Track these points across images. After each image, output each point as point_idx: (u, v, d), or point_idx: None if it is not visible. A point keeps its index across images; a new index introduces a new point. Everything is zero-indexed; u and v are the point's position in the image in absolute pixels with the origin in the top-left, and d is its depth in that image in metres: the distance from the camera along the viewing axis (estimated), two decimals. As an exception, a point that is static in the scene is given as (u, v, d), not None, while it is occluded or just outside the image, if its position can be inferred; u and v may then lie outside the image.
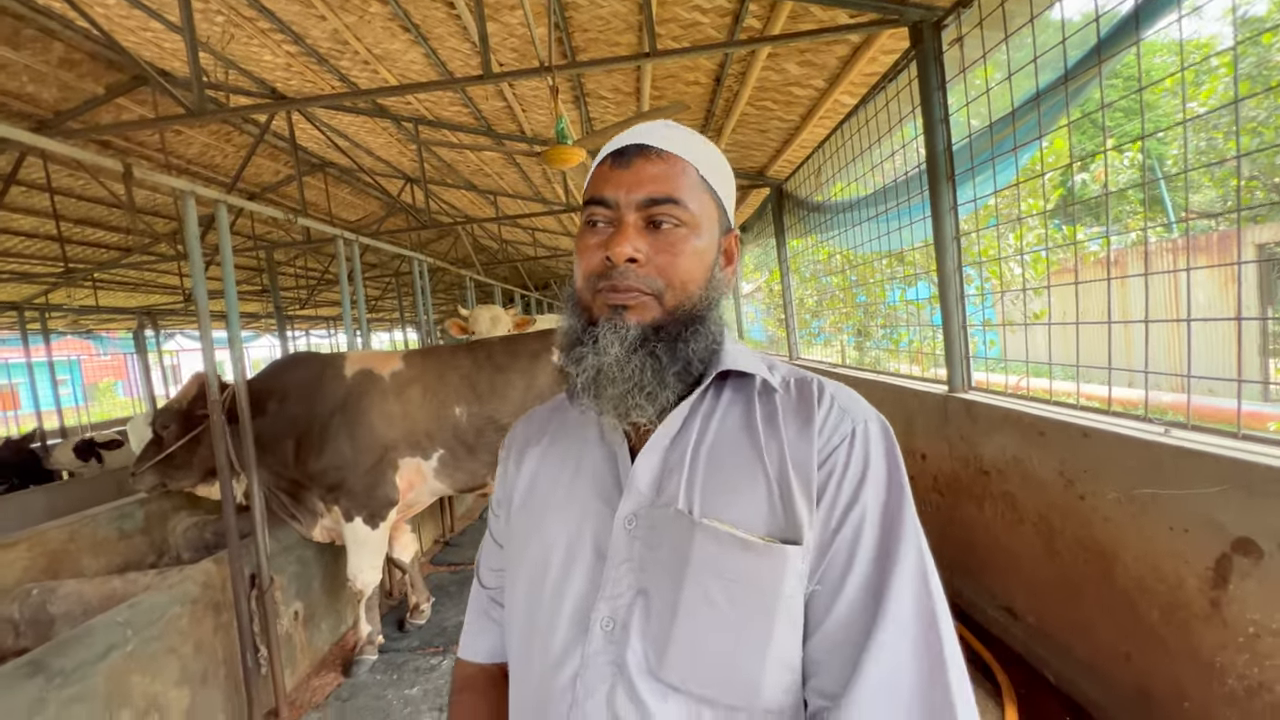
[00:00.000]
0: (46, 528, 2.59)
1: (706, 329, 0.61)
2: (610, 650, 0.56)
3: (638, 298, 0.59)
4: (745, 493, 0.57)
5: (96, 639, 1.78)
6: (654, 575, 0.57)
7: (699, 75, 3.88)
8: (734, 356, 0.63)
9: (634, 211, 0.60)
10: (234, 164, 6.23)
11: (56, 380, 8.06)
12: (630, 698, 0.54)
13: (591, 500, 0.62)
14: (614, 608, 0.57)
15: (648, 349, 0.58)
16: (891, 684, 0.50)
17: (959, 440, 2.63)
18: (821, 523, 0.56)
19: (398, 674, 2.64)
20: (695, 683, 0.54)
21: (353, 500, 2.62)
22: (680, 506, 0.57)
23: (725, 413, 0.62)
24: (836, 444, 0.58)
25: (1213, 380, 4.10)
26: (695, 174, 0.62)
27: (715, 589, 0.54)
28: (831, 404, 0.60)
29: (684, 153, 0.62)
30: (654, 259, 0.59)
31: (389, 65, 4.27)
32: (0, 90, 4.25)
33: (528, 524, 0.66)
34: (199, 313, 2.19)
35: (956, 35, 2.53)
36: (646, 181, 0.60)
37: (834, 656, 0.53)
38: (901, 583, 0.53)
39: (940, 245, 2.70)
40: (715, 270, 0.63)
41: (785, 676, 0.55)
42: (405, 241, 8.65)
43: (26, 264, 7.44)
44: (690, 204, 0.60)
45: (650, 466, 0.60)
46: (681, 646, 0.54)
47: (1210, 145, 6.79)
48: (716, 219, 0.64)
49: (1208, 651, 1.54)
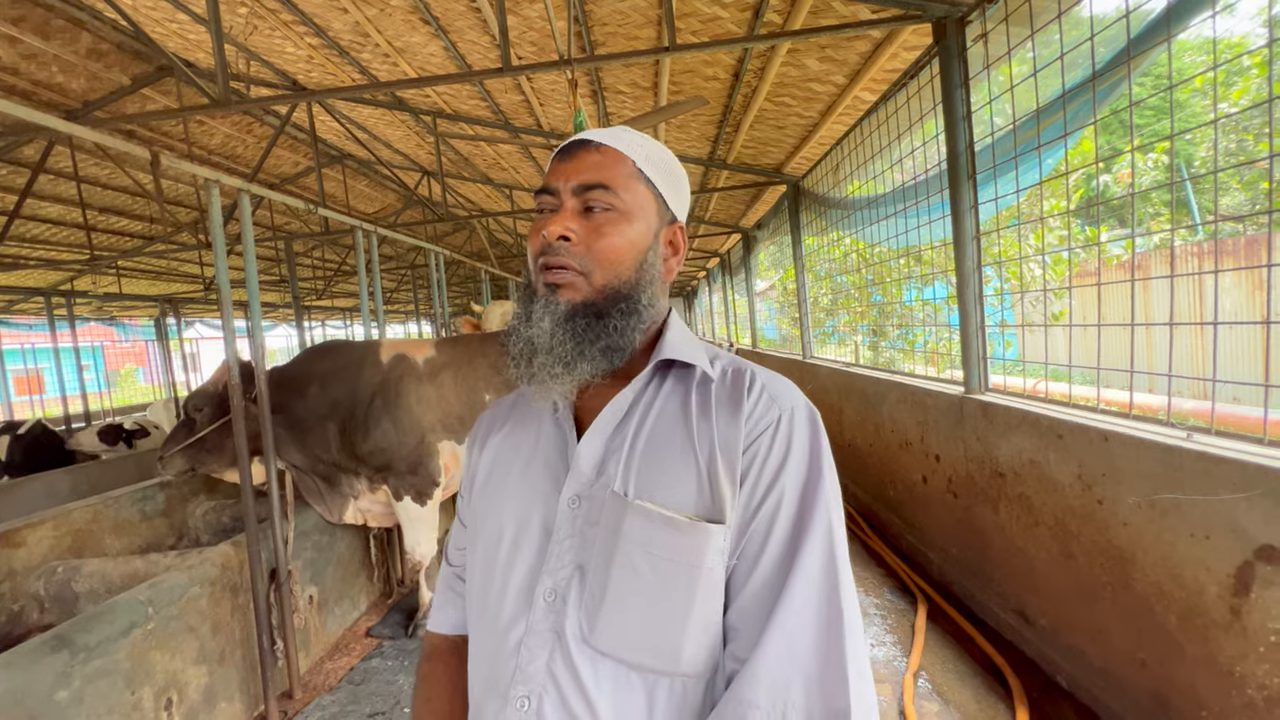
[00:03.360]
0: (72, 507, 2.65)
1: (636, 309, 0.65)
2: (550, 619, 0.61)
3: (569, 276, 0.64)
4: (676, 476, 0.61)
5: (119, 616, 1.82)
6: (591, 551, 0.61)
7: (718, 70, 3.86)
8: (676, 346, 0.67)
9: (571, 196, 0.65)
10: (254, 155, 6.31)
11: (81, 365, 8.23)
12: (566, 663, 0.59)
13: (541, 482, 0.67)
14: (555, 580, 0.62)
15: (573, 324, 0.64)
16: (790, 648, 0.55)
17: (975, 442, 2.60)
18: (743, 503, 0.60)
19: (409, 660, 2.67)
20: (623, 649, 0.58)
21: (400, 480, 2.76)
22: (616, 488, 0.62)
23: (665, 400, 0.66)
24: (762, 430, 0.62)
25: (1236, 387, 4.01)
26: (631, 165, 0.67)
27: (642, 563, 0.59)
28: (761, 393, 0.64)
29: (623, 147, 0.67)
30: (585, 239, 0.64)
31: (409, 58, 4.30)
32: (31, 79, 4.34)
33: (486, 504, 0.71)
34: (221, 300, 2.23)
35: (981, 31, 2.50)
36: (583, 169, 0.65)
37: (746, 624, 0.58)
38: (808, 559, 0.57)
39: (959, 244, 2.66)
40: (649, 256, 0.67)
41: (706, 643, 0.59)
42: (421, 234, 8.71)
43: (53, 251, 7.60)
44: (621, 191, 0.65)
45: (593, 450, 0.65)
46: (611, 616, 0.59)
47: (1240, 147, 6.63)
48: (655, 209, 0.68)
49: (1227, 660, 1.52)
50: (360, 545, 3.21)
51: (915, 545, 3.29)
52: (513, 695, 0.60)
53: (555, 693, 0.59)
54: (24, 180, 5.24)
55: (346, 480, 2.79)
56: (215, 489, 3.29)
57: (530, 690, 0.59)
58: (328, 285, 9.62)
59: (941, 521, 2.99)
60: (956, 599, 2.78)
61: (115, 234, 7.55)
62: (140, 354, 18.67)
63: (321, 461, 2.73)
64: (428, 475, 2.78)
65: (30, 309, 10.29)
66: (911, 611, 2.74)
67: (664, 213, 0.70)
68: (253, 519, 2.25)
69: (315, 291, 10.77)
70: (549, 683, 0.59)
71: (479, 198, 9.03)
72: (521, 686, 0.60)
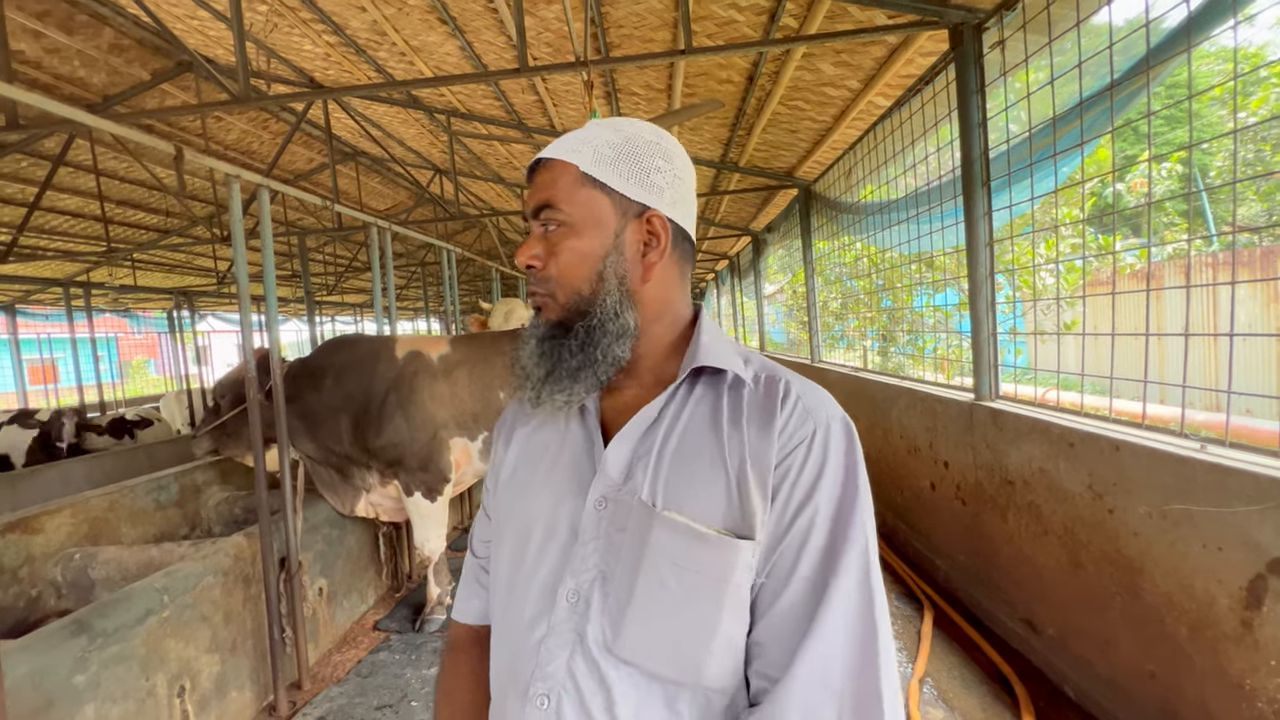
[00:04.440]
0: (89, 495, 2.69)
1: (600, 323, 0.64)
2: (573, 620, 0.61)
3: (541, 299, 0.66)
4: (705, 487, 0.60)
5: (135, 603, 1.85)
6: (616, 557, 0.61)
7: (732, 74, 3.87)
8: (708, 351, 0.65)
9: (533, 220, 0.67)
10: (270, 151, 6.37)
11: (96, 356, 8.33)
12: (588, 666, 0.59)
13: (568, 481, 0.66)
14: (579, 582, 0.62)
15: (551, 343, 0.65)
16: (825, 670, 0.54)
17: (984, 449, 2.60)
18: (775, 520, 0.59)
19: (416, 654, 2.70)
20: (646, 659, 0.58)
21: (411, 476, 2.78)
22: (644, 497, 0.61)
23: (696, 407, 0.65)
24: (795, 445, 0.60)
25: (1250, 399, 3.97)
26: (574, 172, 0.64)
27: (669, 575, 0.58)
28: (796, 404, 0.62)
29: (568, 155, 0.65)
30: (548, 262, 0.65)
31: (425, 57, 4.34)
32: (53, 74, 4.40)
33: (513, 499, 0.71)
34: (239, 293, 2.26)
35: (998, 39, 2.50)
36: (537, 191, 0.66)
37: (776, 643, 0.57)
38: (843, 580, 0.56)
39: (973, 251, 2.66)
40: (606, 263, 0.64)
41: (729, 658, 0.58)
42: (431, 232, 8.76)
43: (71, 242, 7.70)
44: (563, 205, 0.64)
45: (621, 454, 0.64)
46: (634, 626, 0.58)
47: (1258, 157, 6.57)
48: (610, 210, 0.65)
49: (1237, 673, 1.51)
50: (369, 540, 3.24)
51: (922, 551, 3.29)
52: (533, 693, 0.60)
53: (575, 694, 0.59)
54: (44, 173, 5.32)
55: (359, 473, 2.82)
56: (228, 480, 3.33)
57: (550, 689, 0.60)
58: (339, 281, 9.70)
59: (949, 528, 2.98)
60: (963, 606, 2.77)
61: (132, 227, 7.65)
62: (152, 346, 18.85)
63: (334, 453, 2.76)
64: (438, 472, 2.80)
65: (47, 299, 10.43)
66: (918, 618, 2.73)
67: (626, 207, 0.65)
68: (265, 510, 2.28)
69: (326, 287, 10.85)
70: (569, 683, 0.59)
71: (490, 196, 9.07)
72: (541, 684, 0.60)
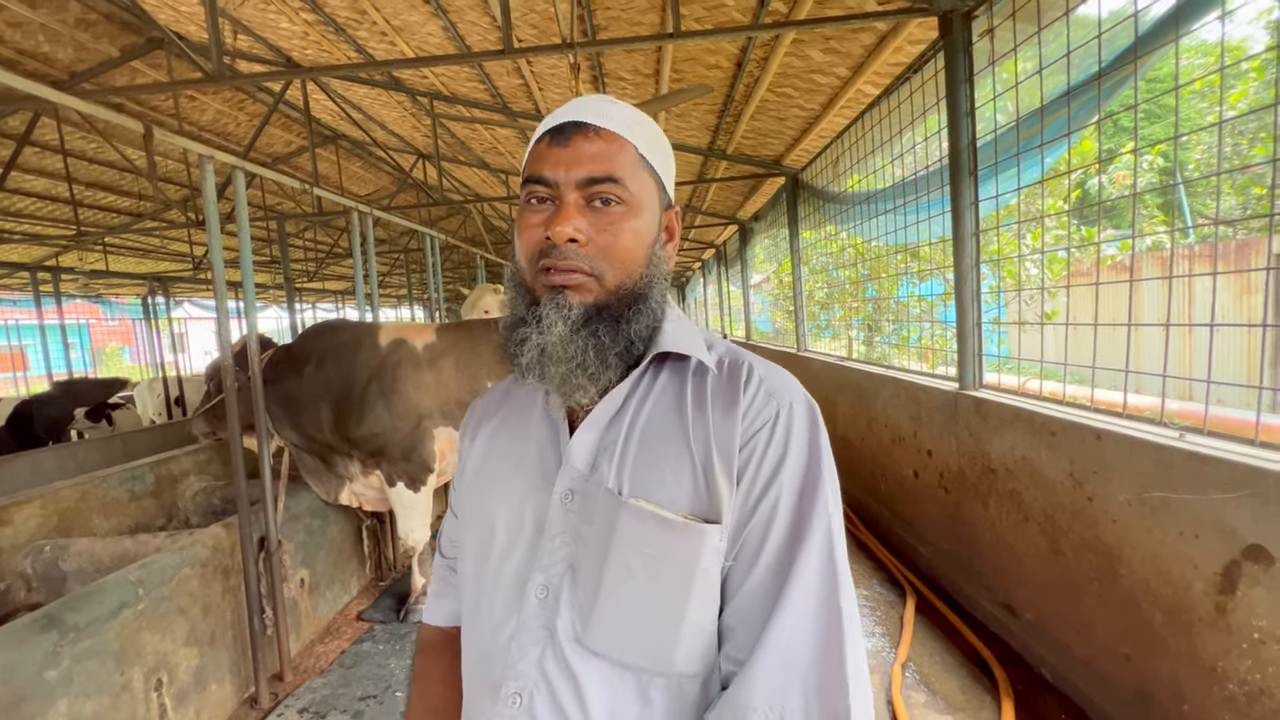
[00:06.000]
0: (59, 486, 2.62)
1: (648, 307, 0.63)
2: (543, 616, 0.60)
3: (578, 278, 0.59)
4: (670, 473, 0.59)
5: (109, 596, 1.80)
6: (584, 549, 0.60)
7: (720, 59, 3.82)
8: (672, 337, 0.64)
9: (574, 190, 0.60)
10: (246, 132, 6.19)
11: (67, 343, 8.10)
12: (558, 661, 0.58)
13: (534, 475, 0.65)
14: (548, 577, 0.61)
15: (590, 329, 0.59)
16: (788, 651, 0.54)
17: (967, 437, 2.63)
18: (740, 503, 0.58)
19: (400, 644, 2.68)
20: (617, 649, 0.58)
21: (393, 466, 2.74)
22: (610, 485, 0.60)
23: (660, 393, 0.64)
24: (759, 427, 0.59)
25: (1224, 389, 4.07)
26: (634, 152, 0.62)
27: (636, 563, 0.57)
28: (759, 386, 0.61)
29: (623, 130, 0.62)
30: (595, 239, 0.60)
31: (407, 37, 4.23)
32: (17, 49, 4.22)
33: (478, 496, 0.69)
34: (215, 279, 2.19)
35: (987, 27, 2.49)
36: (586, 160, 0.60)
37: (743, 626, 0.57)
38: (807, 562, 0.55)
39: (959, 241, 2.67)
40: (656, 249, 0.64)
41: (700, 643, 0.58)
42: (415, 217, 8.61)
43: (39, 225, 7.44)
44: (629, 183, 0.61)
45: (586, 445, 0.62)
46: (604, 615, 0.58)
47: (1235, 150, 6.68)
48: (656, 196, 0.64)
49: (1210, 656, 1.55)
50: (352, 529, 3.20)
51: (905, 538, 3.33)
52: (504, 692, 0.59)
53: (546, 690, 0.58)
54: (8, 153, 5.12)
55: (341, 462, 2.78)
56: (206, 470, 3.26)
57: (522, 687, 0.59)
58: (319, 267, 9.52)
59: (932, 516, 3.02)
60: (945, 592, 2.82)
61: (103, 210, 7.41)
62: (126, 333, 18.42)
63: (315, 441, 2.72)
64: (421, 462, 2.77)
65: (14, 284, 10.10)
66: (900, 604, 2.77)
67: (663, 197, 0.66)
68: (244, 499, 2.24)
69: (307, 273, 10.65)
70: (540, 680, 0.58)
71: (474, 182, 8.94)
72: (513, 683, 0.59)
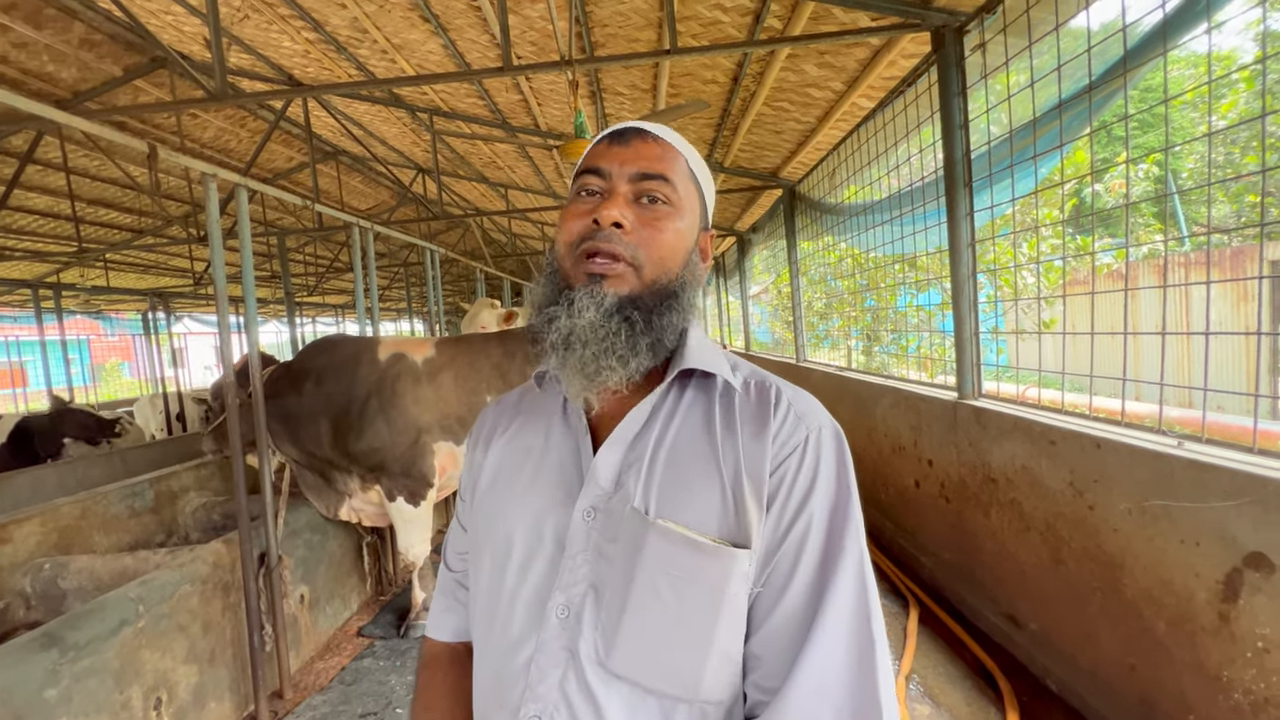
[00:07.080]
0: (59, 503, 2.62)
1: (679, 305, 0.64)
2: (564, 637, 0.58)
3: (618, 267, 0.61)
4: (699, 495, 0.59)
5: (109, 613, 1.80)
6: (608, 568, 0.59)
7: (717, 74, 3.87)
8: (697, 354, 0.65)
9: (626, 183, 0.63)
10: (248, 149, 6.25)
11: (67, 359, 8.11)
12: (580, 684, 0.57)
13: (554, 488, 0.64)
14: (569, 597, 0.59)
15: (623, 315, 0.60)
16: (823, 682, 0.53)
17: (967, 447, 2.63)
18: (770, 528, 0.58)
19: (401, 660, 2.66)
20: (641, 673, 0.56)
21: (393, 481, 2.74)
22: (636, 505, 0.59)
23: (687, 412, 0.64)
24: (789, 452, 0.59)
25: (1223, 396, 4.07)
26: (685, 165, 0.66)
27: (664, 586, 0.56)
28: (789, 411, 0.62)
29: (678, 145, 0.67)
30: (639, 230, 0.62)
31: (407, 55, 4.28)
32: (21, 69, 4.27)
33: (492, 510, 0.68)
34: (217, 295, 2.21)
35: (979, 41, 2.53)
36: (641, 158, 0.64)
37: (773, 654, 0.56)
38: (840, 589, 0.55)
39: (955, 251, 2.69)
40: (693, 256, 0.67)
41: (726, 670, 0.57)
42: (414, 232, 8.66)
43: (41, 242, 7.49)
44: (678, 186, 0.64)
45: (611, 461, 0.62)
46: (629, 638, 0.56)
47: (1228, 159, 6.74)
48: (698, 211, 0.68)
49: (1214, 665, 1.54)
50: (352, 545, 3.19)
51: (907, 549, 3.32)
52: (523, 714, 0.58)
53: (567, 713, 0.57)
54: (11, 171, 5.17)
55: (341, 477, 2.77)
56: (206, 486, 3.26)
57: (541, 709, 0.57)
58: (320, 282, 9.55)
59: (933, 525, 3.01)
60: (948, 603, 2.80)
61: (104, 226, 7.46)
62: (126, 348, 18.42)
63: (315, 457, 2.72)
64: (421, 477, 2.76)
65: (15, 301, 10.13)
66: (903, 614, 2.76)
67: (704, 216, 0.69)
68: (245, 515, 2.23)
69: (307, 288, 10.68)
70: (561, 703, 0.57)
71: (474, 196, 9.00)
72: (532, 705, 0.58)
